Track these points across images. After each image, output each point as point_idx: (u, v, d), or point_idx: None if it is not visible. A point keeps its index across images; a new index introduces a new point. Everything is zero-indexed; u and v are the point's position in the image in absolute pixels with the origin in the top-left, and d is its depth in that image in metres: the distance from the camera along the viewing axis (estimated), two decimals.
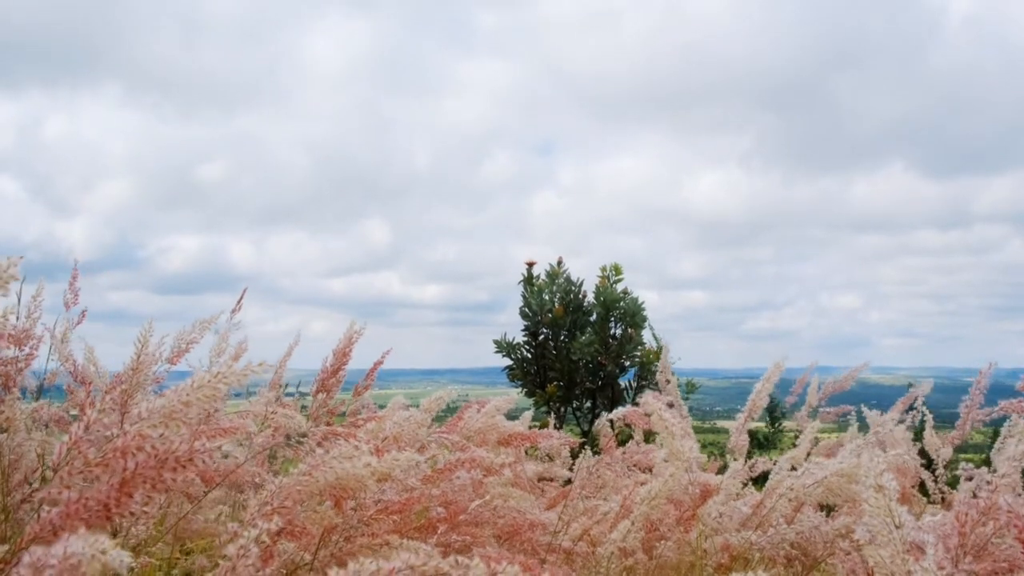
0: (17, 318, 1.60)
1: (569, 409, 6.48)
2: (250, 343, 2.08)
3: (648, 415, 1.51)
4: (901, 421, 2.13)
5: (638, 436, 2.19)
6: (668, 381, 2.60)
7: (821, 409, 3.03)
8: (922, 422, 2.29)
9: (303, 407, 2.15)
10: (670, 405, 1.80)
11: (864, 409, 2.21)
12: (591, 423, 6.52)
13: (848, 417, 2.59)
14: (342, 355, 1.87)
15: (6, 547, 0.79)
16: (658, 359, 6.33)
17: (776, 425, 7.01)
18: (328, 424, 1.87)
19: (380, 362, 2.02)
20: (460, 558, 0.64)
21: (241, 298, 2.03)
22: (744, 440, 1.46)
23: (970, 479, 1.49)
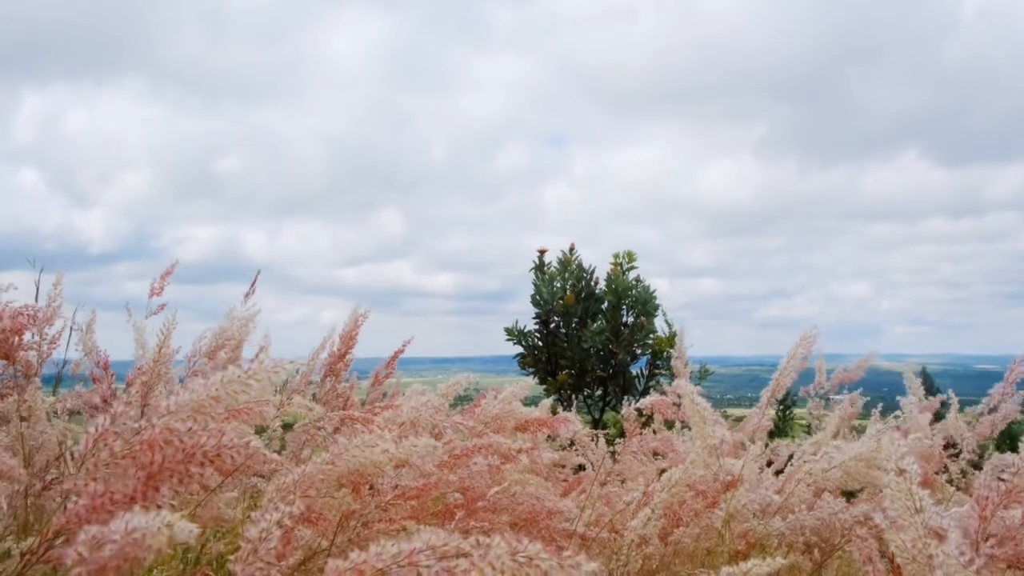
0: (36, 300, 1.61)
1: (580, 397, 6.49)
2: (260, 332, 2.07)
3: (676, 404, 1.50)
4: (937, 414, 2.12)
5: (657, 424, 2.19)
6: (686, 365, 2.60)
7: (832, 397, 3.02)
8: (944, 406, 2.27)
9: (313, 395, 2.16)
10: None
11: (910, 378, 2.19)
12: (602, 411, 6.53)
13: (864, 406, 2.57)
14: (348, 338, 1.89)
15: (33, 539, 0.80)
16: (670, 346, 6.32)
17: (787, 412, 7.00)
18: (344, 408, 1.88)
19: (401, 350, 2.04)
20: (481, 538, 0.64)
21: (254, 282, 2.03)
22: (767, 422, 1.45)
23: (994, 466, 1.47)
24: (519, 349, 6.60)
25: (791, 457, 1.70)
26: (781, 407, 6.79)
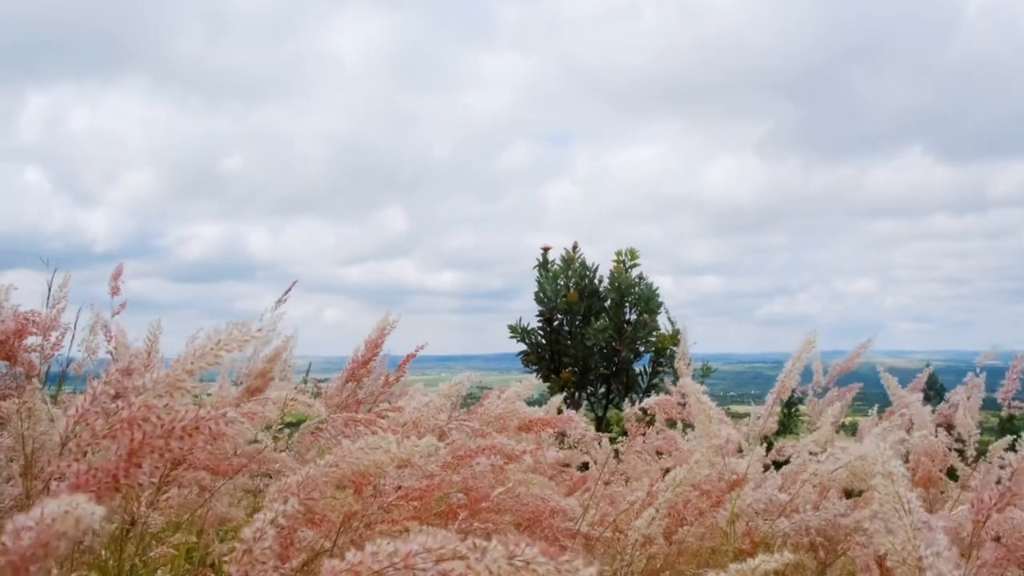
0: (46, 306, 1.62)
1: (583, 395, 6.49)
2: (265, 330, 2.08)
3: (680, 403, 1.49)
4: (940, 402, 2.12)
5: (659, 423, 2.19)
6: (689, 364, 2.59)
7: (829, 390, 3.01)
8: (940, 400, 2.27)
9: (317, 394, 2.16)
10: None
11: (886, 377, 2.18)
12: (605, 409, 6.53)
13: (855, 398, 2.57)
14: (374, 345, 1.89)
15: None
16: (674, 344, 6.31)
17: (791, 410, 7.00)
18: (355, 410, 1.87)
19: (412, 355, 2.05)
20: (478, 541, 0.63)
21: (287, 291, 2.06)
22: (772, 424, 1.45)
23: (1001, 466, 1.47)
24: (523, 347, 6.60)
25: (788, 459, 1.70)
26: (786, 406, 6.78)
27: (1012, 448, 1.48)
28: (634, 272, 6.48)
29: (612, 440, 2.12)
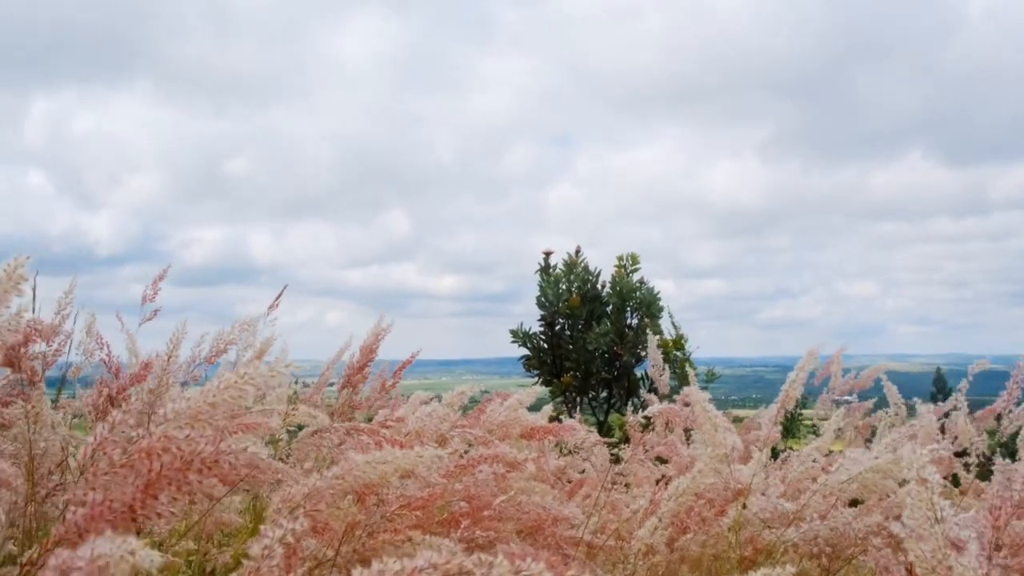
0: (34, 311, 1.61)
1: (584, 399, 6.49)
2: (263, 336, 2.08)
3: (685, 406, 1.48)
4: (946, 414, 2.13)
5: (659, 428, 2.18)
6: (662, 374, 2.62)
7: (846, 401, 3.01)
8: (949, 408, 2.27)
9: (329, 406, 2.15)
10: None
11: (889, 388, 2.19)
12: (607, 413, 6.52)
13: (876, 413, 2.59)
14: (368, 351, 1.88)
15: (35, 548, 0.79)
16: (677, 348, 6.29)
17: (795, 413, 6.98)
18: (350, 419, 1.87)
19: (409, 361, 2.04)
20: (484, 556, 0.62)
21: (279, 296, 2.04)
22: (776, 433, 1.45)
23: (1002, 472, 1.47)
24: (524, 351, 6.60)
25: (782, 463, 1.69)
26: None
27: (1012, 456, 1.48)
28: (635, 276, 6.49)
29: (613, 446, 2.12)
